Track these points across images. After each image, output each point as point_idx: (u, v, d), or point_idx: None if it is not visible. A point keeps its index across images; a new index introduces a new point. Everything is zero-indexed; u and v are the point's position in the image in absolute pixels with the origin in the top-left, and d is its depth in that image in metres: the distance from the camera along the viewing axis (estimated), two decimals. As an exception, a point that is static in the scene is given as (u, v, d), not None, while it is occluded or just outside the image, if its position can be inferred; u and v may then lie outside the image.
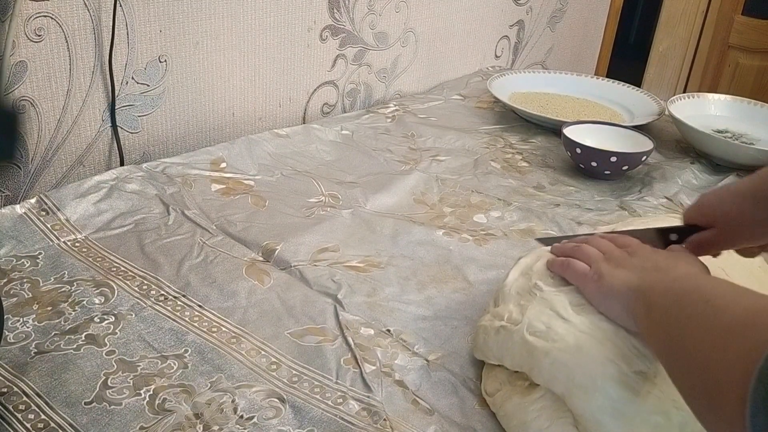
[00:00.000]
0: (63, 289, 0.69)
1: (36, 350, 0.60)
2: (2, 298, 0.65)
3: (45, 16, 0.85)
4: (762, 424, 0.31)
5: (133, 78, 0.97)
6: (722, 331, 0.38)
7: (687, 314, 0.43)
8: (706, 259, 0.62)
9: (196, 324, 0.66)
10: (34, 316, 0.65)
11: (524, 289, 0.61)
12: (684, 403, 0.50)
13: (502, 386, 0.58)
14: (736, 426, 0.33)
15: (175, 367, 0.60)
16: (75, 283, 0.70)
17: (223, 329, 0.66)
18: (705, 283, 0.48)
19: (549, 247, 0.66)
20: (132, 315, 0.66)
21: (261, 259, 0.78)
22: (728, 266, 0.63)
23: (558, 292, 0.58)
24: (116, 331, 0.64)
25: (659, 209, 0.97)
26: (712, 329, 0.40)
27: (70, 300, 0.67)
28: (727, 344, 0.37)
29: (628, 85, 1.38)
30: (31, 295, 0.67)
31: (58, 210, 0.81)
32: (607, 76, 1.48)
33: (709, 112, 1.27)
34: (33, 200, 0.81)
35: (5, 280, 0.69)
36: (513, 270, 0.66)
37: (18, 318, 0.64)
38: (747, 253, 0.61)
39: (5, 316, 0.63)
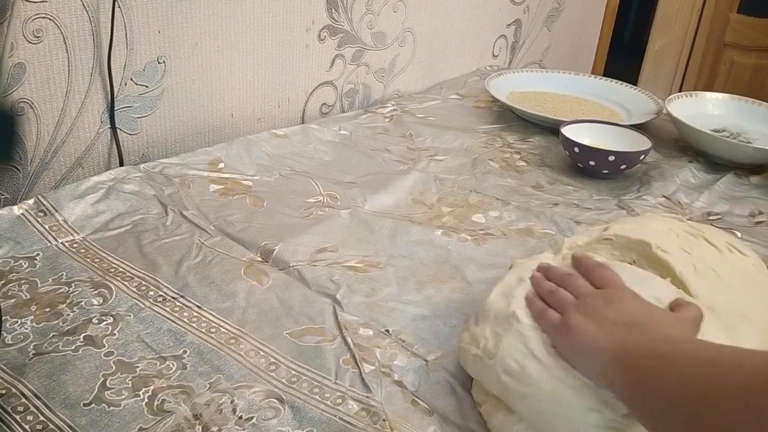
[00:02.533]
0: (61, 290, 0.69)
1: (34, 351, 0.60)
2: (0, 300, 0.65)
3: (43, 18, 0.85)
4: None
5: (131, 79, 0.97)
6: (746, 391, 0.36)
7: (686, 377, 0.41)
8: (698, 257, 0.63)
9: (194, 325, 0.66)
10: (33, 317, 0.65)
11: (502, 314, 0.59)
12: None
13: (489, 398, 0.58)
14: None
15: (173, 368, 0.60)
16: (73, 284, 0.70)
17: (222, 330, 0.66)
18: (695, 344, 0.46)
19: (532, 263, 0.64)
20: (130, 316, 0.66)
21: (259, 259, 0.78)
22: (720, 267, 0.63)
23: (534, 328, 0.56)
24: (115, 332, 0.64)
25: (657, 208, 0.97)
26: (730, 388, 0.37)
27: (68, 301, 0.67)
28: (756, 402, 0.35)
29: (625, 84, 1.39)
30: (29, 297, 0.67)
31: (56, 211, 0.81)
32: (603, 75, 1.49)
33: (707, 110, 1.27)
34: (31, 201, 0.81)
35: (3, 282, 0.69)
36: (496, 288, 0.63)
37: (16, 319, 0.64)
38: None
39: (3, 318, 0.63)
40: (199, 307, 0.68)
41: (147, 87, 1.00)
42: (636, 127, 1.13)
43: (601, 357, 0.49)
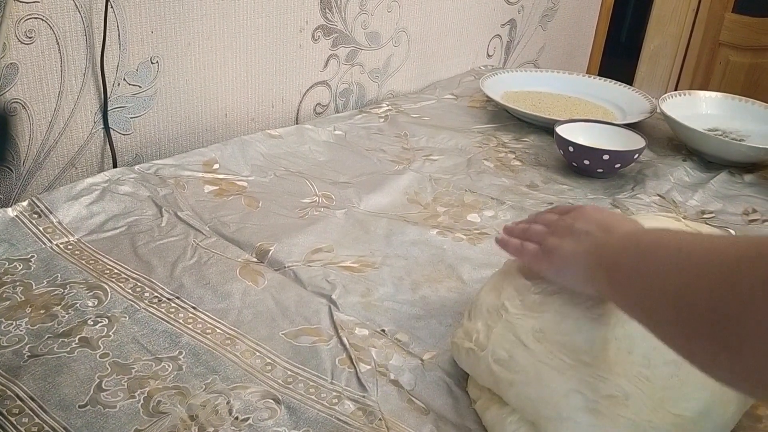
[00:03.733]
0: (56, 292, 0.68)
1: (29, 353, 0.60)
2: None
3: (36, 18, 0.85)
4: None
5: (124, 79, 0.97)
6: (720, 271, 0.36)
7: (662, 265, 0.42)
8: None
9: (190, 326, 0.66)
10: (27, 319, 0.64)
11: (493, 307, 0.60)
12: (660, 420, 0.49)
13: (483, 393, 0.59)
14: None
15: (169, 369, 0.60)
16: (68, 286, 0.69)
17: (218, 331, 0.66)
18: (660, 233, 0.47)
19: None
20: (126, 317, 0.66)
21: (255, 260, 0.78)
22: None
23: (522, 316, 0.57)
24: (110, 333, 0.64)
25: (652, 207, 0.97)
26: (705, 272, 0.38)
27: (63, 303, 0.67)
28: (736, 281, 0.35)
29: (620, 83, 1.39)
30: (23, 299, 0.67)
31: (51, 213, 0.80)
32: (598, 75, 1.49)
33: (701, 109, 1.27)
34: (25, 203, 0.81)
35: (-2, 284, 0.69)
36: (487, 284, 0.65)
37: (11, 321, 0.64)
38: None
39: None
40: (194, 308, 0.68)
41: (140, 87, 0.99)
42: (630, 126, 1.13)
43: (583, 264, 0.52)
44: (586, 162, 1.03)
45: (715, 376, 0.37)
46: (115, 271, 0.73)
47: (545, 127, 1.20)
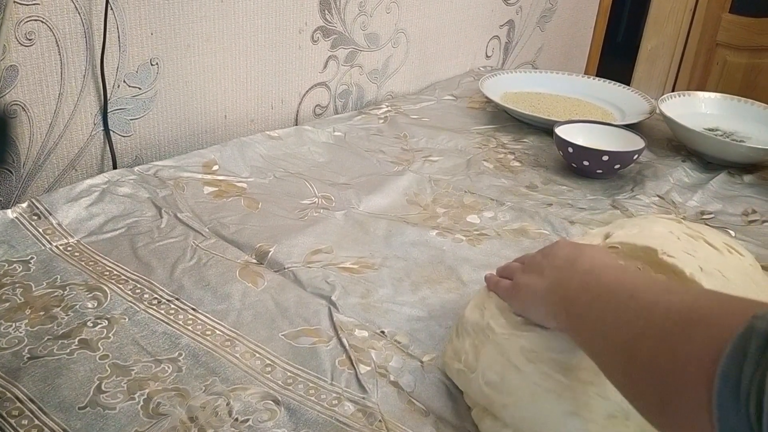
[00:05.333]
0: (55, 294, 0.68)
1: (29, 355, 0.60)
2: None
3: (35, 20, 0.85)
4: (732, 425, 0.31)
5: (124, 81, 0.97)
6: (663, 336, 0.38)
7: (613, 311, 0.44)
8: (702, 260, 0.63)
9: (189, 327, 0.66)
10: (27, 321, 0.64)
11: (479, 326, 0.60)
12: None
13: (477, 404, 0.58)
14: (698, 427, 0.33)
15: (169, 371, 0.60)
16: (67, 288, 0.69)
17: (217, 332, 0.66)
18: (619, 275, 0.48)
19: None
20: (125, 319, 0.66)
21: (254, 261, 0.78)
22: (723, 268, 0.63)
23: (509, 335, 0.56)
24: (109, 335, 0.64)
25: (651, 207, 0.98)
26: (652, 333, 0.39)
27: (62, 304, 0.67)
28: (675, 348, 0.36)
29: (619, 84, 1.39)
30: (23, 300, 0.67)
31: (50, 214, 0.80)
32: (596, 75, 1.49)
33: (700, 110, 1.28)
34: (24, 204, 0.81)
35: (-3, 286, 0.69)
36: (472, 301, 0.65)
37: (10, 323, 0.64)
38: None
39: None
40: (194, 309, 0.68)
41: (140, 89, 1.00)
42: (629, 127, 1.13)
43: (545, 300, 0.53)
44: (586, 163, 1.03)
45: (655, 426, 0.39)
46: (115, 272, 0.73)
47: (544, 128, 1.21)
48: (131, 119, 1.00)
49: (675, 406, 0.36)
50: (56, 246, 0.76)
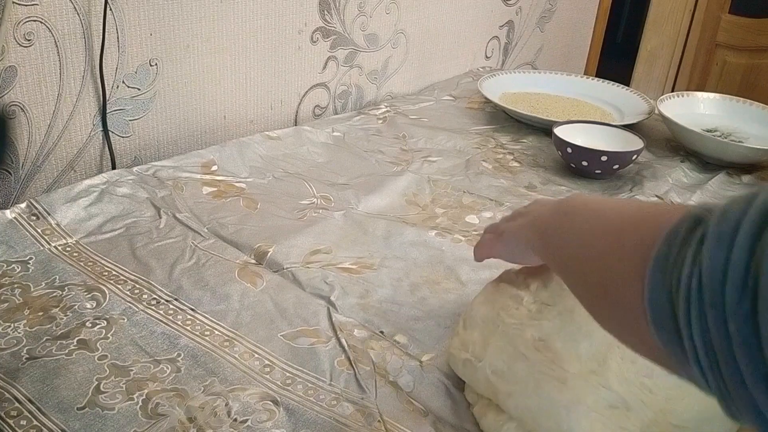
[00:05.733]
0: (54, 294, 0.68)
1: (27, 356, 0.60)
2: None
3: (34, 21, 0.85)
4: (659, 301, 0.32)
5: (123, 82, 0.97)
6: (616, 232, 0.40)
7: (579, 226, 0.45)
8: None
9: (188, 327, 0.66)
10: (25, 321, 0.64)
11: (488, 318, 0.59)
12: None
13: (480, 399, 0.58)
14: (637, 311, 0.34)
15: (168, 371, 0.60)
16: (66, 288, 0.69)
17: (216, 332, 0.66)
18: (591, 199, 0.50)
19: (513, 267, 0.65)
20: (124, 319, 0.66)
21: (253, 261, 0.78)
22: None
23: (520, 325, 0.56)
24: (108, 335, 0.64)
25: (650, 208, 0.97)
26: (606, 234, 0.41)
27: (61, 305, 0.67)
28: (622, 242, 0.38)
29: (617, 84, 1.39)
30: (22, 301, 0.67)
31: (49, 215, 0.80)
32: (596, 76, 1.49)
33: (699, 110, 1.28)
34: (23, 205, 0.81)
35: (-4, 286, 0.69)
36: (480, 294, 0.64)
37: (9, 324, 0.64)
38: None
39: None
40: (192, 309, 0.68)
41: (139, 90, 1.00)
42: (628, 128, 1.13)
43: (525, 235, 0.55)
44: (585, 163, 1.03)
45: (604, 325, 0.41)
46: (114, 272, 0.73)
47: (543, 129, 1.21)
48: (130, 120, 1.00)
49: (621, 297, 0.37)
50: (55, 246, 0.76)
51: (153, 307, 0.68)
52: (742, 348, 0.27)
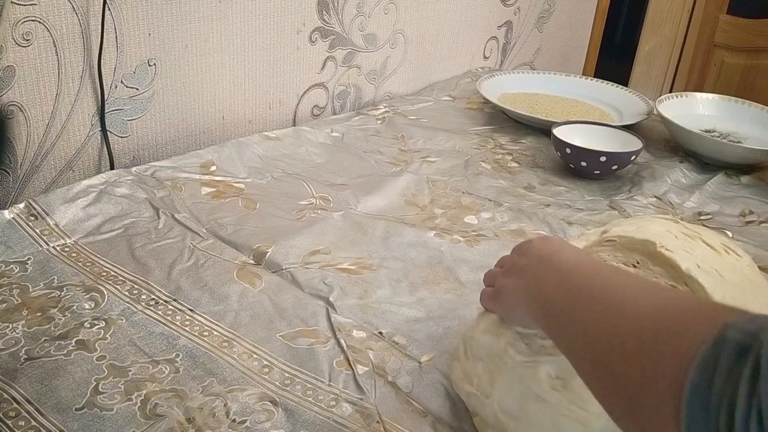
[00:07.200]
0: (52, 295, 0.68)
1: (26, 356, 0.60)
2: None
3: (33, 21, 0.85)
4: None
5: (122, 82, 0.97)
6: (633, 339, 0.37)
7: (583, 315, 0.43)
8: (699, 258, 0.63)
9: (187, 328, 0.66)
10: (24, 321, 0.64)
11: (494, 352, 0.56)
12: None
13: (488, 426, 0.57)
14: None
15: (166, 372, 0.60)
16: (65, 289, 0.69)
17: (215, 333, 0.65)
18: (593, 276, 0.47)
19: None
20: (122, 320, 0.66)
21: (252, 262, 0.77)
22: (720, 267, 0.63)
23: (532, 363, 0.53)
24: (107, 336, 0.63)
25: (649, 208, 0.98)
26: (618, 337, 0.38)
27: (59, 305, 0.67)
28: (644, 361, 0.36)
29: (616, 84, 1.39)
30: (20, 301, 0.67)
31: (47, 215, 0.80)
32: (594, 76, 1.49)
33: (697, 111, 1.28)
34: (21, 205, 0.81)
35: (-6, 286, 0.69)
36: (481, 323, 0.60)
37: (7, 324, 0.64)
38: None
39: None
40: (191, 310, 0.68)
41: (137, 90, 0.99)
42: (627, 128, 1.13)
43: (523, 300, 0.52)
44: (583, 163, 1.03)
45: (621, 428, 0.38)
46: (112, 273, 0.73)
47: (542, 129, 1.21)
48: (129, 120, 1.00)
49: (645, 418, 0.35)
50: (53, 247, 0.76)
51: (152, 308, 0.68)
52: None
